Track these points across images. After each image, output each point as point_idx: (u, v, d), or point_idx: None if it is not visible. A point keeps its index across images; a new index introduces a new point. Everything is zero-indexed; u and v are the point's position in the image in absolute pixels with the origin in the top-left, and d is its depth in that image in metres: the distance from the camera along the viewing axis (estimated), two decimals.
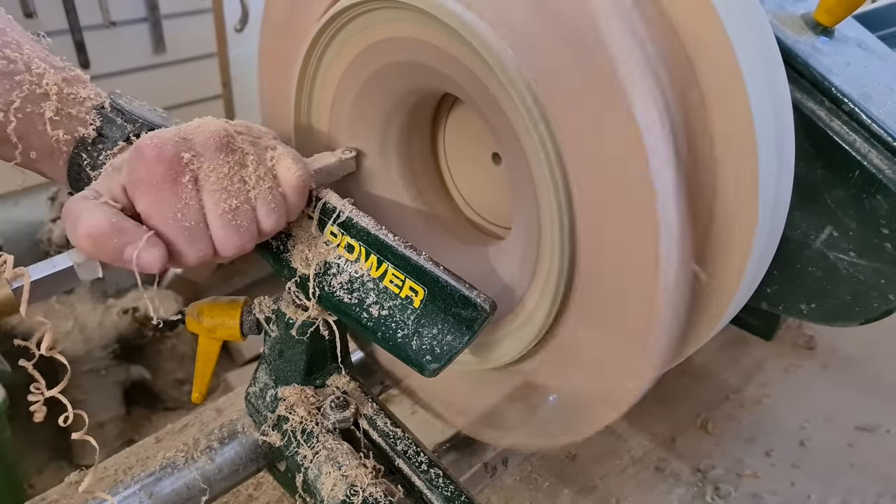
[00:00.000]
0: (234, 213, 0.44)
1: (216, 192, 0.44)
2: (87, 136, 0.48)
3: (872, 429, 0.87)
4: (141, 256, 0.42)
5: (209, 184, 0.44)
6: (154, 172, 0.42)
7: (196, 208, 0.43)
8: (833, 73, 0.50)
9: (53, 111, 0.47)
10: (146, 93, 1.90)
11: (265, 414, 0.58)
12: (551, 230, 0.46)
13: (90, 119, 0.48)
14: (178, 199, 0.43)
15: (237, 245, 0.45)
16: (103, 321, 1.74)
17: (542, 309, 0.49)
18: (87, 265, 0.44)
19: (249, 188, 0.45)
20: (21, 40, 0.48)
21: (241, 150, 0.46)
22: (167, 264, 0.44)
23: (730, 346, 1.00)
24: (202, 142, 0.44)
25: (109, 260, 0.42)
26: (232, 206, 0.44)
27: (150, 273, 0.43)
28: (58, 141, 0.48)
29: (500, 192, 0.63)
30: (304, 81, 0.59)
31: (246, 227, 0.45)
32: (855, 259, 0.51)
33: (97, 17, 1.80)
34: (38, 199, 1.82)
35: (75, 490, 0.67)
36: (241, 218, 0.44)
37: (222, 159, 0.44)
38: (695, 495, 0.77)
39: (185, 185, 0.43)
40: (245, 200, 0.45)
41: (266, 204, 0.46)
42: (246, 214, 0.45)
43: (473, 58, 0.45)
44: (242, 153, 0.46)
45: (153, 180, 0.42)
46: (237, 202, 0.44)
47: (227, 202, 0.44)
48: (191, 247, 0.44)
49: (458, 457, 0.68)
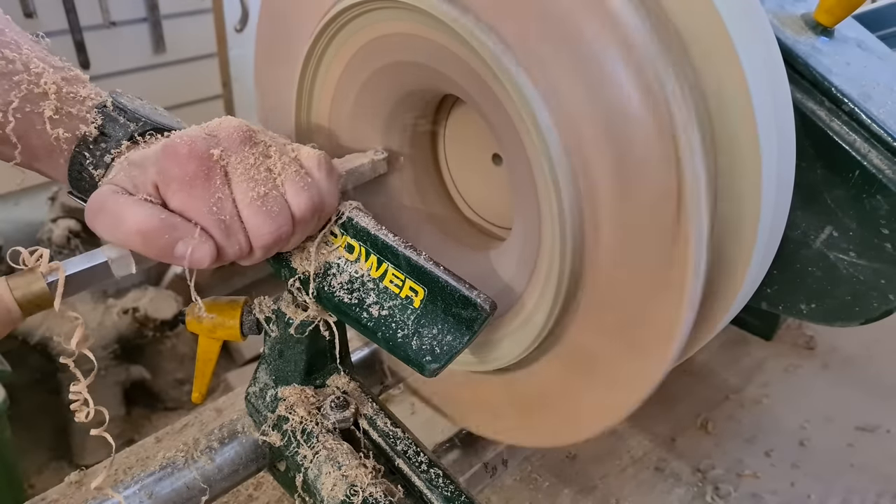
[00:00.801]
0: (264, 199, 0.45)
1: (244, 183, 0.45)
2: (89, 135, 0.48)
3: (872, 429, 0.87)
4: (194, 252, 0.42)
5: (237, 175, 0.45)
6: (187, 169, 0.43)
7: (229, 201, 0.44)
8: (833, 73, 0.50)
9: (53, 110, 0.47)
10: (146, 93, 1.89)
11: (265, 414, 0.58)
12: (552, 231, 0.46)
13: (91, 118, 0.48)
14: (210, 194, 0.43)
15: (271, 231, 0.45)
16: (103, 321, 1.74)
17: (542, 310, 0.49)
18: (121, 261, 0.44)
19: (276, 175, 0.46)
20: (20, 40, 0.48)
21: (263, 142, 0.47)
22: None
23: (730, 346, 1.00)
24: (227, 136, 0.45)
25: (158, 256, 0.43)
26: (260, 193, 0.45)
27: (200, 267, 0.43)
28: (58, 139, 0.48)
29: (501, 192, 0.63)
30: (304, 81, 0.59)
31: (278, 210, 0.45)
32: (855, 259, 0.51)
33: (97, 17, 1.80)
34: (38, 199, 1.82)
35: (75, 490, 0.67)
36: (272, 203, 0.45)
37: (248, 151, 0.45)
38: (695, 495, 0.78)
39: (216, 179, 0.44)
40: (273, 187, 0.46)
41: (294, 184, 0.46)
42: (276, 199, 0.45)
43: (474, 58, 0.45)
44: (265, 145, 0.47)
45: (186, 177, 0.43)
46: (265, 189, 0.45)
47: (255, 190, 0.45)
48: (228, 239, 0.44)
49: (458, 457, 0.68)
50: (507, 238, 0.60)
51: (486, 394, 0.60)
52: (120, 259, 0.44)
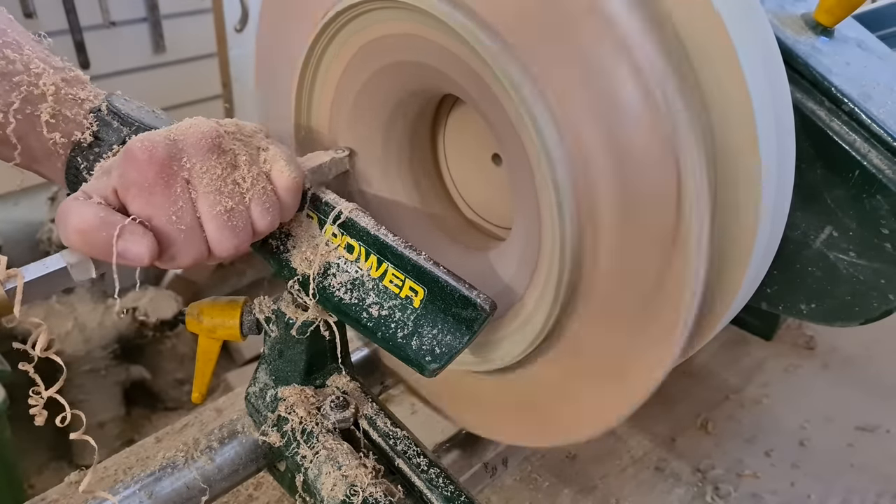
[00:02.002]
0: (230, 214, 0.44)
1: (210, 194, 0.43)
2: (84, 141, 0.48)
3: (872, 429, 0.87)
4: (129, 249, 0.41)
5: (202, 185, 0.43)
6: (146, 175, 0.41)
7: (190, 210, 0.43)
8: (833, 73, 0.50)
9: (50, 113, 0.47)
10: (146, 93, 1.90)
11: (265, 414, 0.58)
12: (552, 231, 0.46)
13: (87, 123, 0.48)
14: (171, 201, 0.42)
15: (233, 245, 0.45)
16: (103, 321, 1.74)
17: (542, 310, 0.49)
18: (80, 265, 0.43)
19: (244, 190, 0.45)
20: (22, 41, 0.48)
21: (231, 150, 0.45)
22: (162, 265, 0.44)
23: (730, 346, 1.00)
24: (193, 143, 0.43)
25: (99, 254, 0.41)
26: (227, 208, 0.44)
27: (138, 264, 0.42)
28: (55, 144, 0.48)
29: (501, 192, 0.63)
30: (304, 81, 0.59)
31: (241, 227, 0.45)
32: (855, 259, 0.51)
33: (97, 17, 1.80)
34: (38, 199, 1.82)
35: (75, 490, 0.67)
36: (237, 219, 0.44)
37: (214, 161, 0.44)
38: (695, 495, 0.77)
39: (177, 187, 0.42)
40: (240, 202, 0.45)
41: (261, 205, 0.46)
42: (241, 215, 0.45)
43: (474, 58, 0.45)
44: (234, 154, 0.45)
45: (145, 183, 0.42)
46: (232, 203, 0.44)
47: (223, 203, 0.44)
48: (186, 248, 0.43)
49: (458, 457, 0.68)
50: (506, 238, 0.60)
51: (484, 393, 0.60)
52: (79, 264, 0.43)
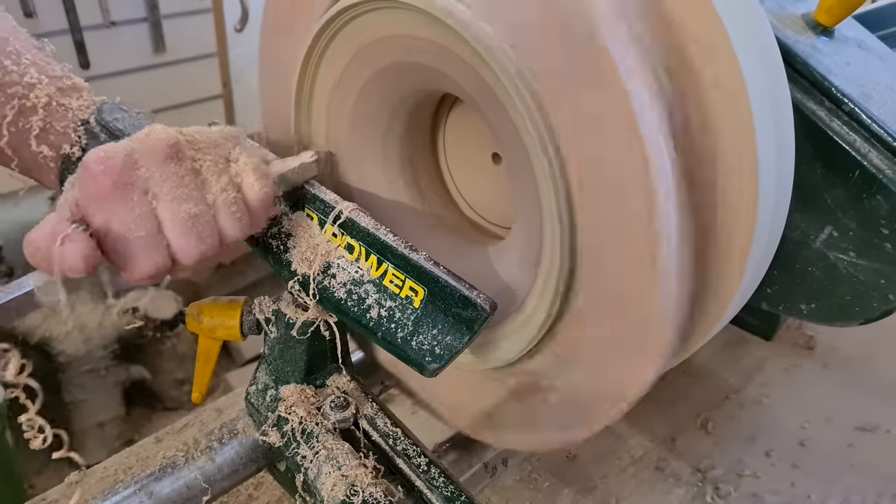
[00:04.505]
0: (195, 221, 0.43)
1: (172, 201, 0.42)
2: (73, 155, 0.47)
3: (872, 429, 0.87)
4: (66, 255, 0.39)
5: (163, 193, 0.42)
6: (102, 187, 0.41)
7: (149, 217, 0.42)
8: (833, 73, 0.50)
9: (40, 127, 0.46)
10: (146, 93, 1.90)
11: (265, 414, 0.58)
12: (552, 230, 0.46)
13: (75, 137, 0.48)
14: (128, 210, 0.41)
15: (198, 252, 0.43)
16: (103, 321, 1.74)
17: (542, 309, 0.49)
18: (46, 287, 0.42)
19: (212, 198, 0.44)
20: (21, 49, 0.48)
21: (191, 158, 0.44)
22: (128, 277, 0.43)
23: (730, 346, 1.00)
24: (150, 152, 0.42)
25: (43, 266, 0.40)
26: (191, 214, 0.43)
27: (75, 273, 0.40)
28: (44, 157, 0.47)
29: (500, 192, 0.63)
30: (305, 81, 0.59)
31: (208, 234, 0.44)
32: (855, 259, 0.51)
33: (97, 17, 1.80)
34: (38, 199, 1.82)
35: (75, 490, 0.67)
36: (202, 226, 0.43)
37: (174, 167, 0.43)
38: (695, 495, 0.77)
39: (135, 195, 0.42)
40: (206, 209, 0.44)
41: (229, 214, 0.45)
42: (207, 223, 0.44)
43: (474, 57, 0.45)
44: (193, 161, 0.44)
45: (102, 194, 0.41)
46: (197, 210, 0.43)
47: (185, 210, 0.43)
48: (146, 256, 0.42)
49: (458, 457, 0.68)
50: (506, 237, 0.60)
51: (483, 393, 0.60)
52: (45, 286, 0.42)
